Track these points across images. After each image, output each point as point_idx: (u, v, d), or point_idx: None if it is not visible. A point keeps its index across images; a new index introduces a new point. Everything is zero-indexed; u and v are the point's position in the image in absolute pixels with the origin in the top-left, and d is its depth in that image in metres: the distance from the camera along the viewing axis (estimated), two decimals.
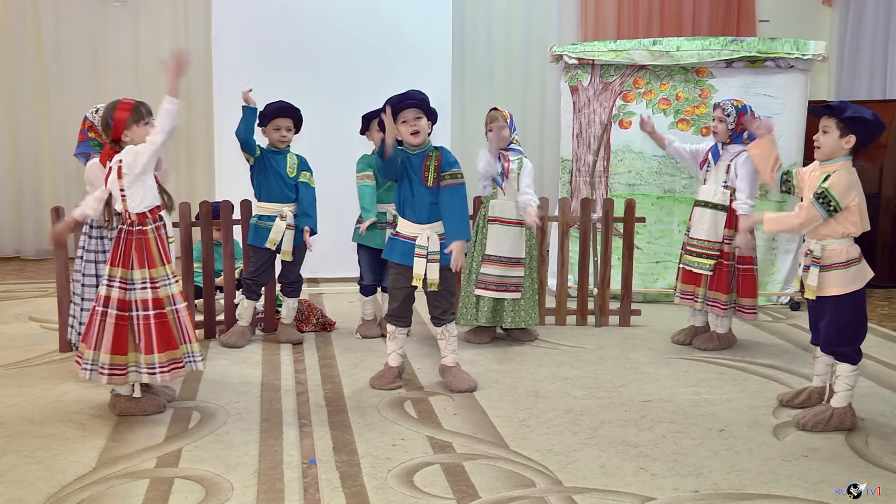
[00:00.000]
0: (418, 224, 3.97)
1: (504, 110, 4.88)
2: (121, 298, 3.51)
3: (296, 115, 4.85)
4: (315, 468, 3.15)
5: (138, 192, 3.53)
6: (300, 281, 5.00)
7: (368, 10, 6.67)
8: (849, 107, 3.46)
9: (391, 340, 4.14)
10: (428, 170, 3.93)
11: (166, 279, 3.57)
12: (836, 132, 3.47)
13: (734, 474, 3.13)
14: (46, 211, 6.88)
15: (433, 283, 3.94)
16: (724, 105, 4.70)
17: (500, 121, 4.80)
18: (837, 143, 3.47)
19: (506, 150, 4.84)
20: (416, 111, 3.90)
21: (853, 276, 3.51)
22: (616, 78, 6.14)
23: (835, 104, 3.50)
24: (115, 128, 3.56)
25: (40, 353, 4.67)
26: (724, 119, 4.68)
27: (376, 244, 4.97)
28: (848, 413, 3.59)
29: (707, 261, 4.75)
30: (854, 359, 3.58)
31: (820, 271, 3.51)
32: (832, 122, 3.47)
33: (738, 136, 4.69)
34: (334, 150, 6.22)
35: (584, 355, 4.74)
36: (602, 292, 5.43)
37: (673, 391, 4.11)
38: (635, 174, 6.15)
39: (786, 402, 3.89)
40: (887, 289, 6.75)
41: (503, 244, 4.79)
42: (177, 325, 3.60)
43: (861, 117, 3.43)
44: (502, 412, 3.78)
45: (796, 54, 5.90)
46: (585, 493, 2.95)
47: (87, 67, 7.79)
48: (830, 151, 3.50)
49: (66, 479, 3.03)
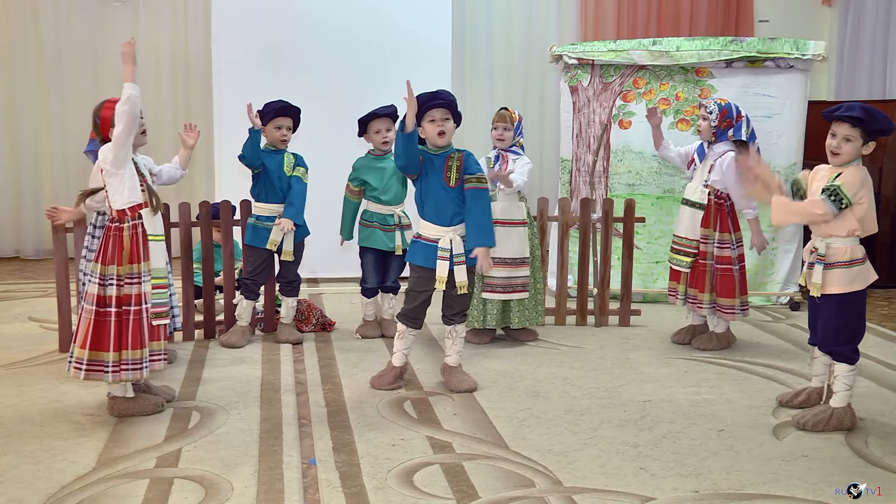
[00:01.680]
0: (441, 226, 3.95)
1: (514, 112, 4.84)
2: (100, 295, 3.52)
3: (296, 115, 4.85)
4: (315, 468, 3.15)
5: (115, 188, 3.55)
6: (298, 280, 5.00)
7: (368, 10, 6.67)
8: (872, 116, 3.44)
9: (399, 339, 4.11)
10: (450, 170, 3.93)
11: (131, 277, 3.54)
12: (858, 140, 3.46)
13: (734, 474, 3.13)
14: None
15: (462, 285, 3.92)
16: (707, 104, 4.74)
17: (506, 121, 4.77)
18: (858, 151, 3.48)
19: (506, 152, 4.83)
20: (444, 111, 3.90)
21: (855, 275, 3.52)
22: (616, 78, 6.13)
23: (861, 114, 3.44)
24: (102, 126, 3.65)
25: (40, 353, 4.67)
26: (707, 117, 4.70)
27: (380, 246, 4.97)
28: (847, 413, 3.60)
29: (685, 258, 4.79)
30: (851, 359, 3.58)
31: (823, 269, 3.52)
32: (857, 132, 3.45)
33: (722, 134, 4.71)
34: (333, 150, 6.22)
35: (584, 355, 4.74)
36: (602, 292, 5.43)
37: (673, 391, 4.11)
38: (635, 174, 6.15)
39: (785, 402, 3.89)
40: (887, 289, 6.75)
41: (508, 245, 4.77)
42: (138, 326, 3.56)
43: (886, 128, 3.45)
44: (502, 412, 3.78)
45: (796, 54, 5.90)
46: (585, 493, 2.95)
47: (87, 67, 7.78)
48: (852, 156, 3.50)
49: (65, 480, 3.03)
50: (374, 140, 4.95)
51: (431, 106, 3.88)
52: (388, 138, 4.92)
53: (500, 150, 4.85)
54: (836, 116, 3.50)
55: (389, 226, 4.96)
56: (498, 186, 4.76)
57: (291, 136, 4.87)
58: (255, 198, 4.87)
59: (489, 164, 4.77)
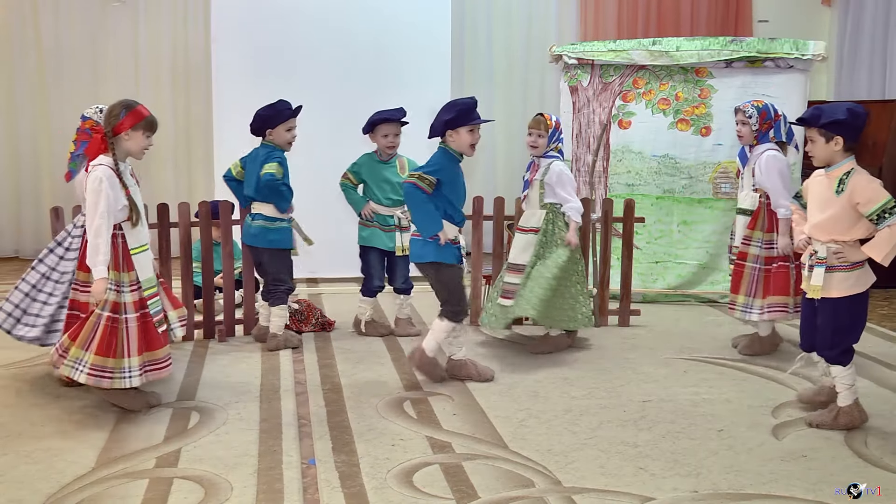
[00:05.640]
0: (458, 227, 4.20)
1: (551, 118, 4.68)
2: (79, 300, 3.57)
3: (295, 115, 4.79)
4: (314, 468, 3.15)
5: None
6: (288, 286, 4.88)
7: (368, 11, 6.67)
8: (822, 112, 3.50)
9: (458, 337, 4.24)
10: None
11: (111, 285, 3.56)
12: (820, 139, 3.51)
13: (733, 474, 3.13)
14: (45, 211, 6.86)
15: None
16: (744, 108, 4.62)
17: (540, 127, 4.64)
18: (826, 148, 3.51)
19: (541, 158, 4.72)
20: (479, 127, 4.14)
21: (855, 279, 3.53)
22: (615, 78, 6.13)
23: (807, 115, 3.56)
24: (126, 119, 3.57)
25: (39, 353, 4.65)
26: (747, 122, 4.60)
27: (381, 245, 4.97)
28: (855, 409, 3.62)
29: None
30: (843, 361, 3.59)
31: (825, 272, 3.52)
32: (813, 132, 3.53)
33: (763, 136, 4.62)
34: (332, 150, 6.21)
35: (584, 355, 4.74)
36: (601, 292, 5.43)
37: (672, 391, 4.11)
38: (634, 174, 6.15)
39: (807, 400, 3.85)
40: (887, 289, 6.74)
41: (526, 252, 4.73)
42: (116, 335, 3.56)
43: (836, 120, 3.45)
44: (501, 412, 3.78)
45: (796, 54, 5.90)
46: (585, 494, 2.95)
47: (87, 67, 7.77)
48: (825, 157, 3.53)
49: (65, 480, 3.03)
50: (380, 143, 4.94)
51: (475, 118, 4.05)
52: (394, 143, 4.92)
53: (534, 156, 4.73)
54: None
55: (390, 226, 4.96)
56: (524, 196, 4.81)
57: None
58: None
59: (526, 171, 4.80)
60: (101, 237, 3.50)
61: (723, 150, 6.05)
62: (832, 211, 3.49)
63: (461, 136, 4.03)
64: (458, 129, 4.01)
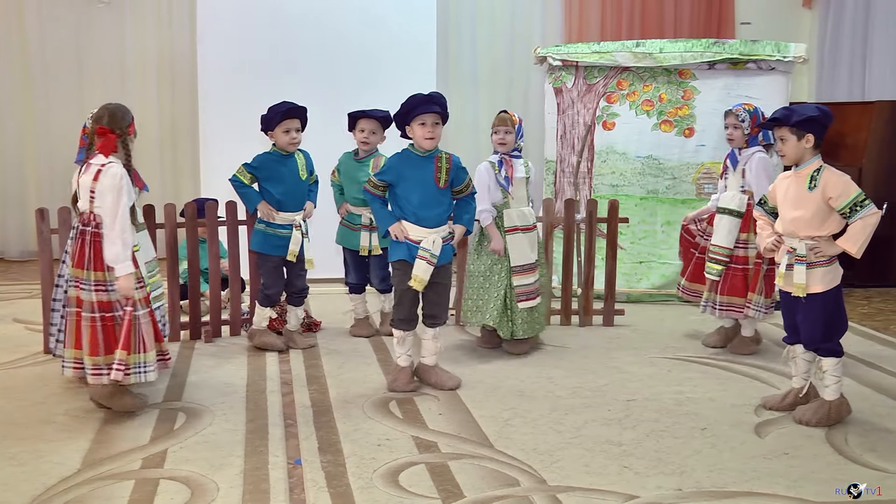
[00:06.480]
0: (425, 228, 3.97)
1: (515, 115, 4.72)
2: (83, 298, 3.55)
3: (303, 115, 4.72)
4: (300, 468, 3.16)
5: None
6: (307, 290, 4.90)
7: (353, 11, 6.68)
8: (793, 112, 3.62)
9: (400, 345, 4.10)
10: (440, 171, 3.98)
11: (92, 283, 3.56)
12: (792, 138, 3.62)
13: (716, 472, 3.16)
14: (31, 212, 6.82)
15: (422, 281, 3.92)
16: (736, 111, 4.69)
17: (507, 124, 4.66)
18: (798, 146, 3.62)
19: (509, 156, 4.72)
20: (436, 116, 3.95)
21: (833, 273, 3.62)
22: (600, 79, 6.17)
23: (779, 114, 3.66)
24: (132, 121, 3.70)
25: (24, 354, 4.65)
26: (739, 125, 4.67)
27: (349, 245, 5.01)
28: (843, 403, 3.69)
29: (717, 266, 4.70)
30: (839, 352, 3.66)
31: (806, 269, 3.57)
32: (785, 131, 3.63)
33: (753, 139, 4.70)
34: (318, 150, 6.18)
35: (568, 355, 4.77)
36: (586, 292, 5.46)
37: (656, 390, 4.15)
38: (619, 175, 6.19)
39: (771, 406, 3.88)
40: (866, 288, 6.82)
41: (529, 251, 4.70)
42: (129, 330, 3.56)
43: (808, 117, 3.58)
44: (487, 412, 3.80)
45: (777, 56, 5.96)
46: (570, 492, 2.97)
47: (72, 68, 7.74)
48: (796, 156, 3.64)
49: (50, 481, 3.02)
50: (356, 138, 4.97)
51: (425, 110, 3.91)
52: (368, 140, 4.92)
53: (503, 154, 4.72)
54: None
55: (356, 225, 4.97)
56: (509, 192, 4.68)
57: (301, 136, 4.74)
58: (276, 208, 4.68)
59: (494, 170, 4.68)
60: (126, 233, 3.53)
61: (706, 151, 6.10)
62: (807, 207, 3.57)
63: (415, 132, 3.97)
64: (411, 125, 3.96)
